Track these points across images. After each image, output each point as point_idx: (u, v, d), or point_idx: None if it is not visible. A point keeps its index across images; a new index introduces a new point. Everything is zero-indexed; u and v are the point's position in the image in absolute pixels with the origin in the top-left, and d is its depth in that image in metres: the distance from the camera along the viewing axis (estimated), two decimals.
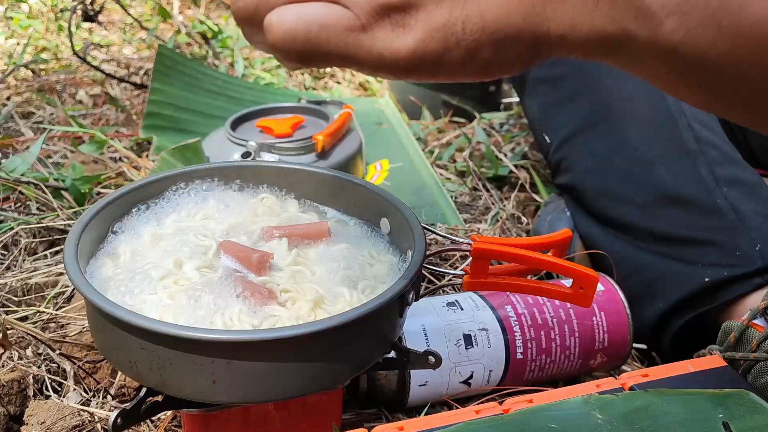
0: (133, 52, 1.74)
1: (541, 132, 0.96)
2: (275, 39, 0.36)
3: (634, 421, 0.48)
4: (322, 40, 0.35)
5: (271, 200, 0.62)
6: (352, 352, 0.49)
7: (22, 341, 0.70)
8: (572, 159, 0.88)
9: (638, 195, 0.79)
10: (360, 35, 0.35)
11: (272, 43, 0.36)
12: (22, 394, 0.64)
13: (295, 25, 0.35)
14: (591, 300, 0.53)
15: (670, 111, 0.80)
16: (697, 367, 0.57)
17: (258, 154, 0.95)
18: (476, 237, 0.53)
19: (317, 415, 0.55)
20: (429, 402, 0.66)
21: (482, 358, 0.65)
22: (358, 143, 1.03)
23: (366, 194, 0.61)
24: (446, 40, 0.35)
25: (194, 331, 0.45)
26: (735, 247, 0.72)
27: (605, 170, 0.83)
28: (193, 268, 0.53)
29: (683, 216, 0.75)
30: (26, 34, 1.78)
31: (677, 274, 0.74)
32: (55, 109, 1.32)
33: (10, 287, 0.77)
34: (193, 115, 1.23)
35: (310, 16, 0.35)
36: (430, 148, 1.25)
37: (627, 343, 0.71)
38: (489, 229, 0.95)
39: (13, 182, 0.93)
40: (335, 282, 0.53)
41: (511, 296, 0.69)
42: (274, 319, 0.49)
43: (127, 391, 0.65)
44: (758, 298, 0.68)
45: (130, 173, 1.03)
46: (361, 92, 1.59)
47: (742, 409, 0.50)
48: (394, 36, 0.35)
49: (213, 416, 0.52)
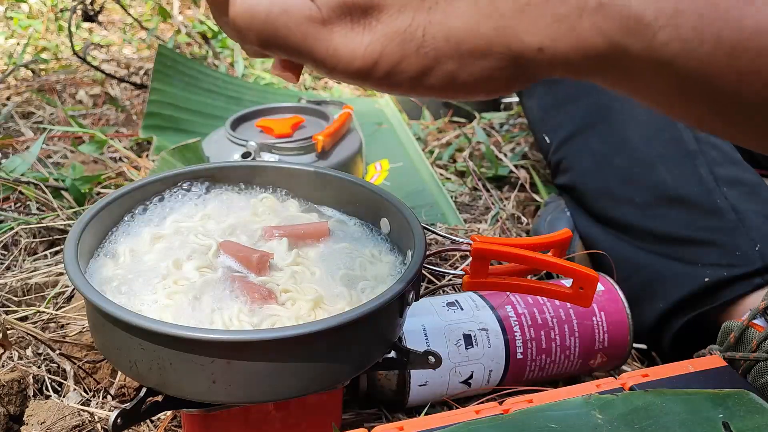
0: (133, 52, 1.74)
1: (540, 132, 0.96)
2: (235, 13, 0.35)
3: (634, 421, 0.48)
4: (280, 24, 0.34)
5: (271, 200, 0.62)
6: (352, 352, 0.49)
7: (22, 341, 0.70)
8: (572, 159, 0.88)
9: (638, 195, 0.79)
10: (319, 27, 0.34)
11: (232, 17, 0.35)
12: (22, 394, 0.64)
13: (258, 2, 0.34)
14: (591, 300, 0.53)
15: None
16: (697, 367, 0.57)
17: (258, 154, 0.95)
18: (476, 237, 0.53)
19: (317, 415, 0.55)
20: (429, 402, 0.66)
21: (482, 358, 0.65)
22: (358, 143, 1.03)
23: (366, 194, 0.61)
24: (404, 46, 0.33)
25: (194, 331, 0.45)
26: (735, 247, 0.72)
27: (605, 170, 0.83)
28: (193, 268, 0.53)
29: (683, 216, 0.75)
30: (26, 34, 1.78)
31: (677, 274, 0.74)
32: (55, 109, 1.32)
33: (10, 287, 0.77)
34: (193, 115, 1.23)
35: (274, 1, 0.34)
36: (430, 148, 1.25)
37: (627, 343, 0.71)
38: (489, 229, 0.95)
39: (13, 182, 0.93)
40: (335, 282, 0.53)
41: (511, 296, 0.69)
42: (274, 318, 0.49)
43: (127, 391, 0.65)
44: (758, 298, 0.68)
45: (130, 173, 1.03)
46: (361, 92, 1.59)
47: (742, 409, 0.50)
48: (352, 35, 0.34)
49: (213, 416, 0.52)
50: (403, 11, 0.33)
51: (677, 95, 0.33)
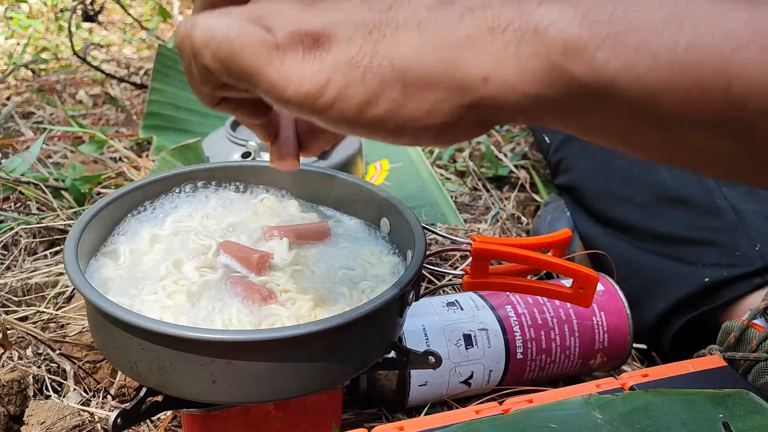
0: (133, 52, 1.74)
1: (540, 132, 0.96)
2: (196, 31, 0.36)
3: (634, 421, 0.48)
4: (236, 45, 0.35)
5: (271, 200, 0.62)
6: (352, 352, 0.49)
7: (22, 341, 0.70)
8: (572, 159, 0.88)
9: (638, 195, 0.79)
10: (273, 52, 0.35)
11: (192, 35, 0.36)
12: (22, 394, 0.64)
13: (217, 25, 0.35)
14: (591, 300, 0.53)
15: None
16: (697, 367, 0.57)
17: (258, 154, 0.95)
18: (476, 237, 0.53)
19: (317, 415, 0.55)
20: (429, 402, 0.66)
21: (482, 358, 0.65)
22: (358, 143, 1.03)
23: (366, 194, 0.61)
24: (350, 73, 0.34)
25: (194, 331, 0.45)
26: (735, 247, 0.72)
27: (605, 170, 0.83)
28: (192, 269, 0.53)
29: (683, 216, 0.75)
30: (26, 34, 1.78)
31: (677, 274, 0.74)
32: (55, 109, 1.32)
33: (10, 287, 0.77)
34: (193, 115, 1.23)
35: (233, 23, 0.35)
36: (430, 148, 1.25)
37: (627, 343, 0.71)
38: (489, 229, 0.95)
39: (13, 182, 0.93)
40: (335, 282, 0.53)
41: (511, 296, 0.69)
42: (274, 318, 0.49)
43: (127, 391, 0.65)
44: (758, 298, 0.68)
45: (130, 173, 1.03)
46: None
47: (742, 409, 0.50)
48: (303, 63, 0.34)
49: (213, 416, 0.52)
50: (352, 42, 0.34)
51: (628, 122, 0.33)
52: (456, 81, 0.33)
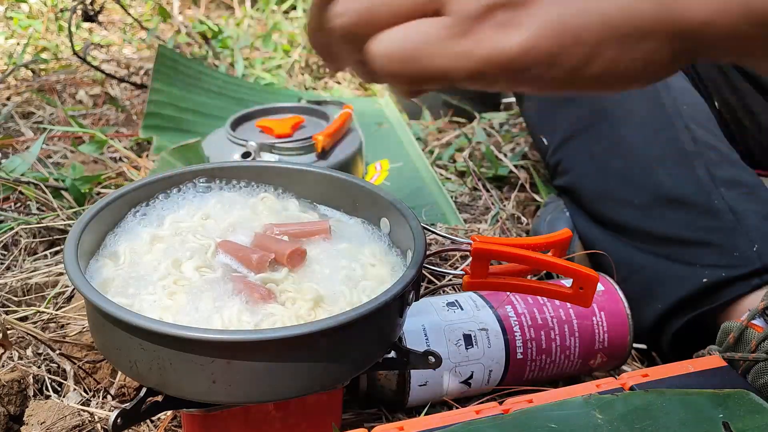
0: (133, 52, 1.74)
1: (538, 134, 0.96)
2: (382, 67, 0.33)
3: (634, 421, 0.48)
4: (421, 56, 0.32)
5: (271, 200, 0.62)
6: (352, 352, 0.49)
7: (22, 341, 0.70)
8: (570, 161, 0.88)
9: (636, 196, 0.79)
10: (461, 41, 0.32)
11: (379, 70, 0.34)
12: (22, 394, 0.64)
13: (390, 44, 0.33)
14: (591, 300, 0.53)
15: (668, 112, 0.80)
16: (697, 367, 0.57)
17: (258, 154, 0.95)
18: (476, 237, 0.53)
19: (317, 415, 0.55)
20: (429, 402, 0.66)
21: (482, 358, 0.66)
22: (358, 143, 1.03)
23: (366, 194, 0.61)
24: (561, 37, 0.31)
25: (194, 331, 0.45)
26: (733, 247, 0.72)
27: (603, 172, 0.83)
28: (192, 268, 0.53)
29: (681, 217, 0.76)
30: (26, 34, 1.78)
31: (676, 275, 0.74)
32: (55, 109, 1.32)
33: (10, 287, 0.77)
34: (193, 115, 1.23)
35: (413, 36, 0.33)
36: (430, 148, 1.25)
37: (627, 343, 0.71)
38: (489, 229, 0.95)
39: (13, 182, 0.93)
40: (335, 282, 0.53)
41: (511, 296, 0.69)
42: (274, 318, 0.49)
43: (127, 391, 0.65)
44: (757, 299, 0.68)
45: (130, 173, 1.03)
46: (361, 92, 1.59)
47: (742, 409, 0.50)
48: (500, 37, 0.32)
49: (213, 416, 0.52)
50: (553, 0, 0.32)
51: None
52: (675, 30, 0.31)
